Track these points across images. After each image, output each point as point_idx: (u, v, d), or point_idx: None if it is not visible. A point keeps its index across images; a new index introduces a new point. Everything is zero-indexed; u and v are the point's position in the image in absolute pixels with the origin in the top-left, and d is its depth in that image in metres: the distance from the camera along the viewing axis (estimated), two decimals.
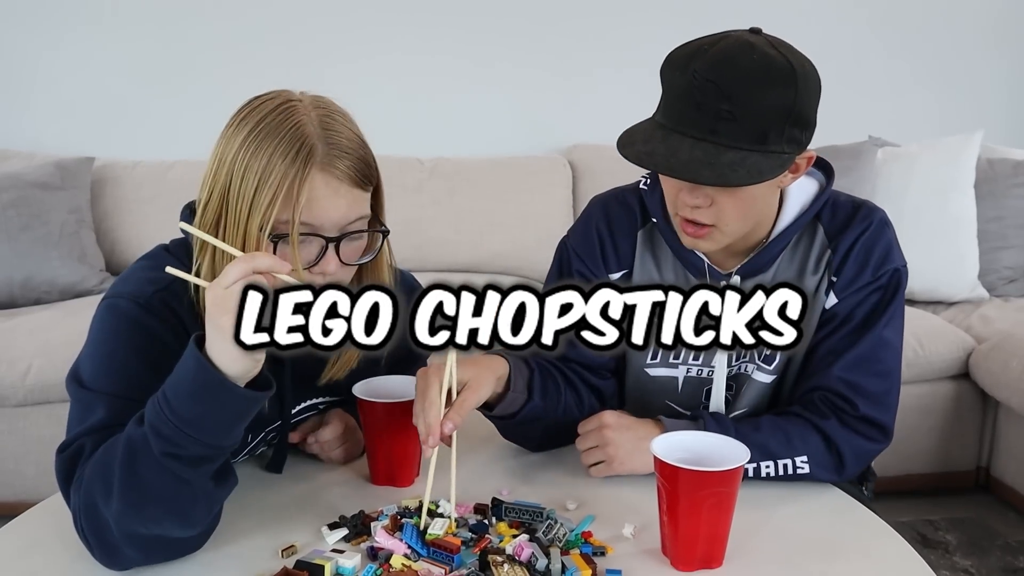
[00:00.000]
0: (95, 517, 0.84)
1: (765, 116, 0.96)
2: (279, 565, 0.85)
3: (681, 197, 1.02)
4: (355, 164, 0.95)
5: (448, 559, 0.86)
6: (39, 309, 2.43)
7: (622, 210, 1.19)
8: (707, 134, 0.96)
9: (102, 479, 0.83)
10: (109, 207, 2.71)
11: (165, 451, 0.81)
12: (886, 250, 1.10)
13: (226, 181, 0.93)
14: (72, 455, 0.89)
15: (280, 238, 0.92)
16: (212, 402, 0.80)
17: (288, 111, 0.94)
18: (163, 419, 0.80)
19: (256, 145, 0.92)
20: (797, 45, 1.04)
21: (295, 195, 0.90)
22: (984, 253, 2.66)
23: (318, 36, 2.96)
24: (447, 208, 2.81)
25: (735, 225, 1.04)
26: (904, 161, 2.69)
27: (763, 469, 1.04)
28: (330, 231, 0.94)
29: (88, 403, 0.91)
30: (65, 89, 2.89)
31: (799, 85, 0.98)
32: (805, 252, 1.13)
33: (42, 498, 1.04)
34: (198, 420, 0.80)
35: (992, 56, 3.30)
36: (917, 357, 2.30)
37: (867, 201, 1.15)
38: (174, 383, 0.81)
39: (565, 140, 3.04)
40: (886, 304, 1.09)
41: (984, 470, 2.45)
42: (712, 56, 0.97)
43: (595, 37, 2.98)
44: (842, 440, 1.06)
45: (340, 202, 0.94)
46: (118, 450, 0.83)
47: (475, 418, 1.28)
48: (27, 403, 2.09)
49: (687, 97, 0.97)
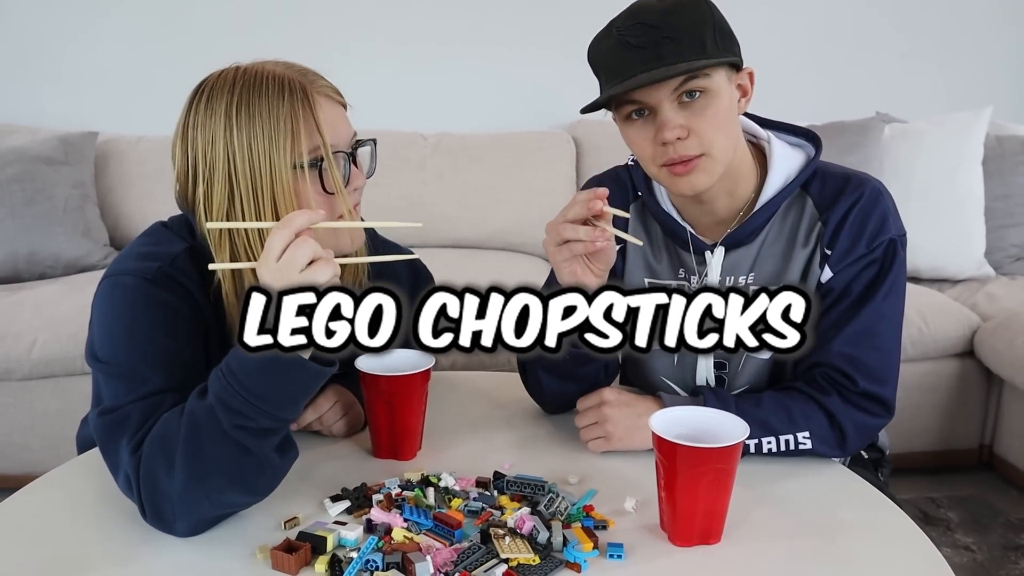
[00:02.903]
0: (154, 489, 0.85)
1: (697, 28, 1.00)
2: (282, 536, 0.86)
3: (659, 137, 1.02)
4: (332, 86, 1.02)
5: (449, 534, 0.86)
6: (44, 284, 2.43)
7: (615, 185, 1.20)
8: (655, 61, 0.99)
9: (163, 454, 0.84)
10: (113, 182, 2.71)
11: (235, 423, 0.83)
12: (881, 220, 1.08)
13: (227, 159, 0.94)
14: (119, 419, 0.89)
15: (318, 163, 0.96)
16: (283, 377, 0.83)
17: (251, 72, 0.97)
18: (231, 392, 0.82)
19: (245, 111, 0.94)
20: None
21: (314, 120, 0.95)
22: (991, 231, 2.64)
23: (323, 10, 2.93)
24: (450, 184, 2.80)
25: (720, 145, 1.04)
26: (911, 137, 2.67)
27: (764, 445, 1.04)
28: (345, 147, 1.00)
29: (123, 376, 0.92)
30: (69, 64, 2.88)
31: (706, 3, 1.03)
32: (794, 224, 1.13)
33: (47, 470, 1.04)
34: (269, 394, 0.83)
35: (1001, 31, 3.26)
36: (922, 335, 2.29)
37: (859, 172, 1.13)
38: (242, 359, 0.82)
39: (569, 116, 3.02)
40: (883, 276, 1.08)
41: (987, 448, 2.45)
42: (624, 15, 1.03)
43: (600, 12, 2.95)
44: (844, 416, 1.05)
45: (343, 118, 1.02)
46: (179, 424, 0.85)
47: (477, 391, 1.29)
48: (32, 377, 2.10)
49: (622, 48, 1.01)
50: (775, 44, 3.09)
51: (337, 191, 0.97)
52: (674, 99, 1.01)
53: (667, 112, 1.01)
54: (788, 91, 3.10)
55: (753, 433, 1.01)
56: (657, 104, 1.01)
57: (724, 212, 1.13)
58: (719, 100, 1.02)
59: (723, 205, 1.12)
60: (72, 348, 2.08)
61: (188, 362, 0.95)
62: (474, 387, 1.32)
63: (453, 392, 1.29)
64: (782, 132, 1.17)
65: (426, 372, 1.06)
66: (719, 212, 1.12)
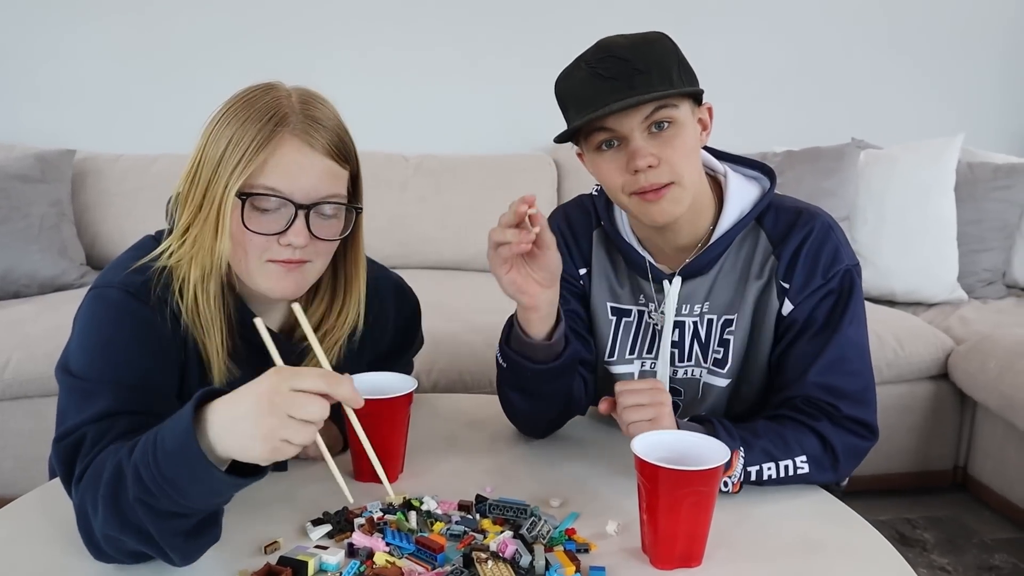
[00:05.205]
0: (85, 520, 0.83)
1: (664, 62, 1.04)
2: (262, 561, 0.85)
3: (631, 165, 1.05)
4: (330, 136, 0.97)
5: (431, 558, 0.86)
6: (19, 302, 2.40)
7: (579, 211, 1.26)
8: (627, 90, 1.02)
9: (92, 491, 0.82)
10: (91, 200, 2.69)
11: (138, 496, 0.77)
12: (833, 252, 1.12)
13: (199, 151, 0.96)
14: (73, 444, 0.87)
15: (247, 197, 0.93)
16: (190, 472, 0.75)
17: (269, 90, 0.97)
18: (146, 462, 0.76)
19: (233, 116, 0.95)
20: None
21: (264, 156, 0.92)
22: (963, 255, 2.69)
23: (302, 31, 2.95)
24: (432, 205, 2.81)
25: (688, 175, 1.07)
26: (886, 163, 2.72)
27: (765, 471, 1.04)
28: (300, 200, 0.95)
29: (85, 392, 0.90)
30: (47, 81, 2.86)
31: (669, 40, 1.07)
32: (748, 256, 1.16)
33: (20, 493, 1.03)
34: (176, 481, 0.76)
35: (973, 61, 3.34)
36: (897, 357, 2.32)
37: (810, 205, 1.17)
38: (165, 433, 0.77)
39: (550, 138, 3.04)
40: (844, 304, 1.11)
41: (962, 469, 2.48)
42: (593, 50, 1.06)
43: (582, 36, 2.98)
44: (835, 438, 1.07)
45: (312, 170, 0.95)
46: (107, 470, 0.81)
47: (460, 413, 1.29)
48: (5, 397, 2.06)
49: (594, 79, 1.04)
50: (753, 71, 3.14)
51: (240, 233, 0.94)
52: (644, 128, 1.04)
53: (638, 141, 1.04)
54: (766, 117, 3.16)
55: (754, 459, 1.02)
56: (628, 133, 1.04)
57: (684, 242, 1.16)
58: (686, 131, 1.06)
59: (685, 235, 1.15)
60: (47, 368, 2.04)
61: (159, 385, 0.94)
62: (456, 409, 1.32)
63: (435, 415, 1.29)
64: (738, 165, 1.20)
65: (408, 395, 1.06)
66: (680, 242, 1.15)
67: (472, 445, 1.18)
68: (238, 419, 0.75)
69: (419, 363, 1.43)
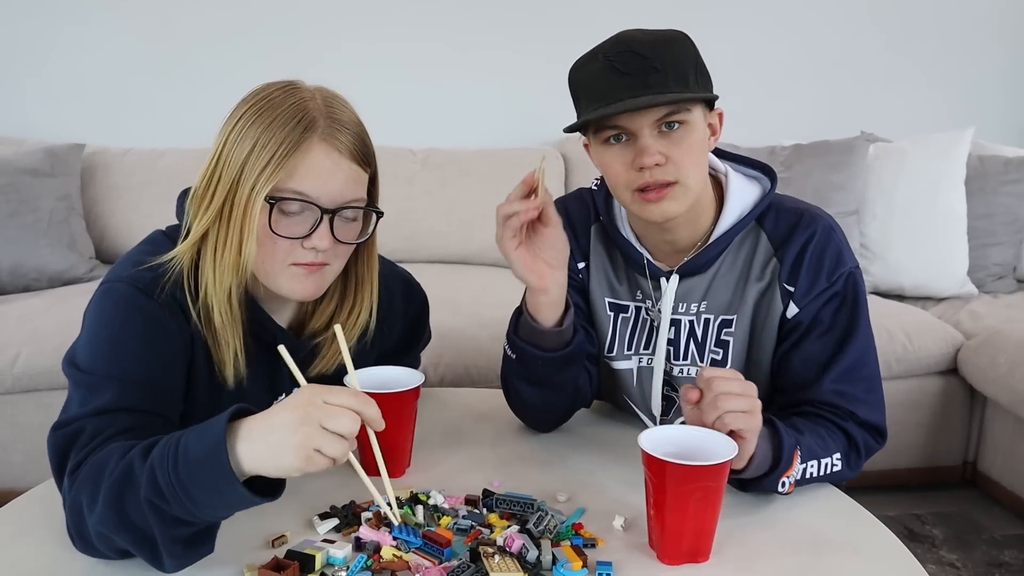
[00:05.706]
0: (78, 516, 0.83)
1: (681, 63, 1.03)
2: (270, 555, 0.85)
3: (637, 162, 1.04)
4: (354, 140, 0.97)
5: (438, 552, 0.86)
6: (28, 296, 2.41)
7: (579, 205, 1.26)
8: (642, 88, 1.01)
9: (92, 486, 0.82)
10: (99, 194, 2.70)
11: (148, 498, 0.78)
12: (837, 255, 1.11)
13: (216, 156, 0.95)
14: (70, 435, 0.87)
15: (276, 201, 0.93)
16: (212, 482, 0.77)
17: (292, 91, 0.97)
18: (164, 467, 0.77)
19: (257, 116, 0.94)
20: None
21: (294, 161, 0.92)
22: (973, 249, 2.67)
23: (309, 26, 2.94)
24: (439, 199, 2.81)
25: (693, 176, 1.06)
26: (895, 157, 2.70)
27: (809, 469, 1.03)
28: (326, 204, 0.95)
29: (90, 386, 0.90)
30: (56, 75, 2.87)
31: (690, 42, 1.06)
32: (748, 257, 1.15)
33: (30, 486, 1.03)
34: (192, 489, 0.77)
35: (985, 53, 3.31)
36: (906, 352, 2.31)
37: (810, 206, 1.16)
38: (191, 440, 0.78)
39: (558, 132, 3.03)
40: (852, 308, 1.11)
41: (971, 465, 2.47)
42: (612, 42, 1.05)
43: (593, 30, 2.97)
44: (859, 437, 1.08)
45: (339, 175, 0.96)
46: (115, 467, 0.81)
47: (466, 407, 1.29)
48: (15, 391, 2.08)
49: (610, 73, 1.02)
50: (763, 64, 3.13)
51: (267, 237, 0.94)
52: (655, 127, 1.04)
53: (647, 139, 1.04)
54: (775, 110, 3.14)
55: (803, 457, 1.01)
56: (638, 130, 1.04)
57: (684, 241, 1.15)
58: (695, 133, 1.05)
59: (684, 234, 1.14)
60: (56, 362, 2.03)
61: (164, 382, 0.94)
62: (463, 403, 1.32)
63: (442, 409, 1.29)
64: (739, 164, 1.20)
65: (415, 389, 1.06)
66: (679, 241, 1.15)
67: (479, 439, 1.18)
68: (273, 430, 0.78)
69: (426, 357, 1.43)
